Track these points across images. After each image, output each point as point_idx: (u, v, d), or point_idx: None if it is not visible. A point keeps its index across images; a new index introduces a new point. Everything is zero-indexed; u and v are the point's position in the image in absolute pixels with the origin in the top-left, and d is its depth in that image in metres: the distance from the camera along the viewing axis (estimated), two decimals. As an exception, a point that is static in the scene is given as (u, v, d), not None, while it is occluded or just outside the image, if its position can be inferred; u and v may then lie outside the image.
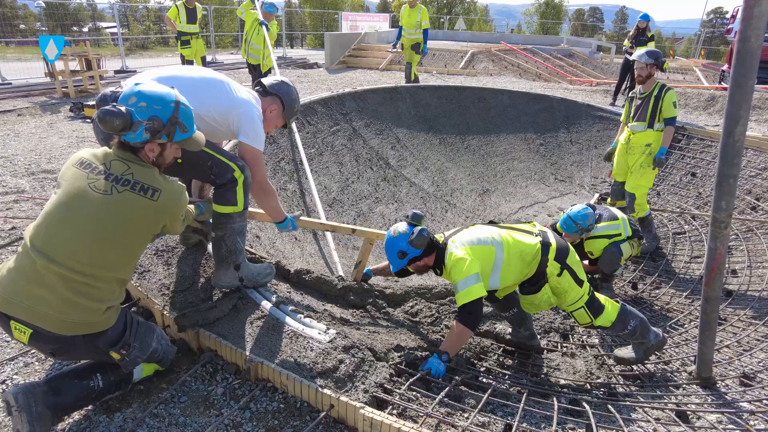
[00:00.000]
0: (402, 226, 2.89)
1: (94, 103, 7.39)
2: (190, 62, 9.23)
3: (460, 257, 2.73)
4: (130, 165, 1.93)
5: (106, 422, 2.07)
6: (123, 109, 1.83)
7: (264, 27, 7.84)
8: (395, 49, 9.67)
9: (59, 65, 9.08)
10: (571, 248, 3.06)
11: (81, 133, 6.50)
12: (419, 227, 2.81)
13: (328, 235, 4.63)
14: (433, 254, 2.91)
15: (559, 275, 2.94)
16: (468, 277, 2.68)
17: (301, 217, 3.28)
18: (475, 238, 2.86)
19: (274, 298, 2.83)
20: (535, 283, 2.99)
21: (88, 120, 7.16)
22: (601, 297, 3.08)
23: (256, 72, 8.49)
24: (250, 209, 2.96)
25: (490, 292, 3.03)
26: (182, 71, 2.57)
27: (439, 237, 3.01)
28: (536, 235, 2.99)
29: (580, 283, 2.97)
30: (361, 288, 3.47)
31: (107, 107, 1.81)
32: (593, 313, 2.98)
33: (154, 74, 2.46)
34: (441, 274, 2.99)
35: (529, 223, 3.18)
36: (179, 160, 2.39)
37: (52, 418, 1.89)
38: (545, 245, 2.94)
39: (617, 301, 3.10)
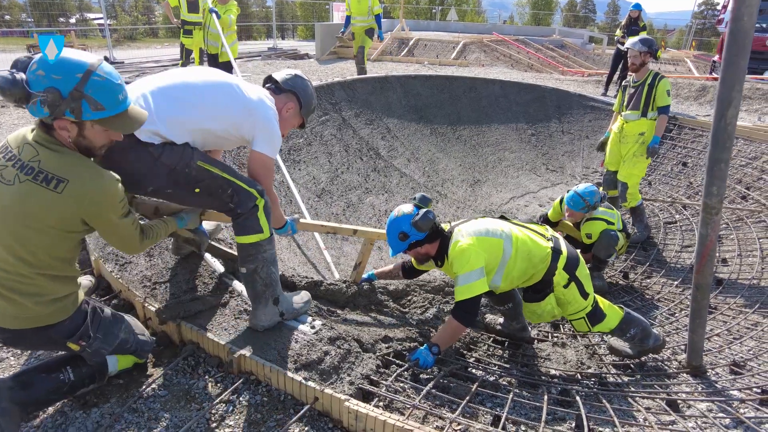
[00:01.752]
0: (407, 207, 2.75)
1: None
2: (190, 52, 8.76)
3: (465, 248, 2.59)
4: (39, 150, 1.67)
5: (82, 418, 2.00)
6: (18, 77, 1.59)
7: (214, 15, 6.85)
8: (344, 36, 8.81)
9: (43, 55, 8.89)
10: (581, 259, 2.94)
11: (65, 123, 6.36)
12: (425, 209, 2.67)
13: (316, 234, 4.54)
14: (437, 243, 2.77)
15: (565, 286, 2.83)
16: (471, 272, 2.55)
17: (300, 220, 3.09)
18: (483, 228, 2.72)
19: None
20: (539, 290, 2.87)
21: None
22: (605, 304, 2.98)
23: (216, 63, 7.41)
24: None
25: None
26: (185, 77, 2.23)
27: (445, 226, 2.88)
28: (548, 240, 2.87)
29: (585, 296, 2.86)
30: (367, 289, 3.31)
31: (5, 74, 1.59)
32: (592, 323, 2.90)
33: (155, 83, 2.16)
34: (441, 266, 2.86)
35: (541, 226, 3.05)
36: (197, 189, 2.18)
37: (20, 414, 1.83)
38: (556, 251, 2.82)
39: (621, 308, 3.01)
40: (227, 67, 6.78)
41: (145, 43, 24.23)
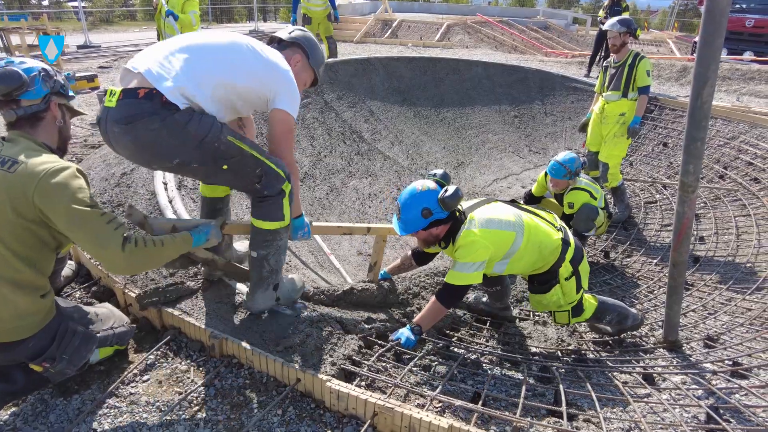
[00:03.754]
0: (431, 183, 2.62)
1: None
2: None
3: (475, 240, 2.52)
4: (4, 144, 1.75)
5: (63, 405, 1.99)
6: (11, 68, 1.75)
7: (172, 18, 6.31)
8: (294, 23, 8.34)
9: (15, 39, 8.64)
10: (584, 253, 2.94)
11: (39, 109, 6.19)
12: (454, 186, 2.53)
13: (318, 238, 4.46)
14: (449, 224, 2.66)
15: (567, 279, 2.81)
16: (472, 264, 2.52)
17: (314, 223, 2.85)
18: (496, 219, 2.63)
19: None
20: (544, 282, 2.84)
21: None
22: (583, 296, 2.99)
23: None
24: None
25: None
26: (204, 38, 2.11)
27: None
28: (558, 229, 2.83)
29: (578, 290, 2.87)
30: (391, 287, 3.22)
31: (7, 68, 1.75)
32: (573, 315, 2.93)
33: (174, 45, 2.04)
34: (445, 248, 2.77)
35: (549, 214, 2.98)
36: (225, 166, 2.05)
37: (-1, 405, 1.81)
38: (565, 243, 2.78)
39: (595, 298, 3.02)
40: None
41: (123, 26, 23.60)
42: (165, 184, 3.48)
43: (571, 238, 2.86)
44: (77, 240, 1.70)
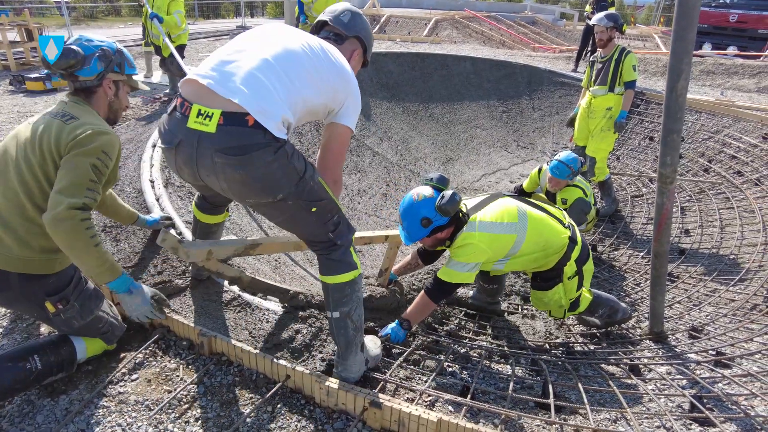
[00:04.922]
0: (426, 190, 2.56)
1: (36, 75, 6.95)
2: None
3: (473, 243, 2.52)
4: (68, 103, 2.00)
5: (50, 405, 1.97)
6: (72, 47, 1.97)
7: (156, 20, 6.21)
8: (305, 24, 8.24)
9: (-4, 35, 8.47)
10: (591, 254, 2.94)
11: (22, 108, 6.12)
12: (450, 191, 2.48)
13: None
14: (452, 227, 2.61)
15: (570, 278, 2.82)
16: (465, 263, 2.53)
17: None
18: (498, 222, 2.60)
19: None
20: (549, 279, 2.84)
21: (31, 94, 6.76)
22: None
23: (159, 53, 6.77)
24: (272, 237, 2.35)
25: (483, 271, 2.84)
26: (279, 44, 1.84)
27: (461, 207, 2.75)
28: (566, 227, 2.81)
29: (579, 288, 2.89)
30: (399, 290, 3.17)
31: (69, 46, 1.98)
32: (569, 310, 2.96)
33: (255, 55, 1.78)
34: (449, 247, 2.74)
35: (558, 210, 2.94)
36: (314, 209, 1.88)
37: (-16, 405, 1.80)
38: (572, 241, 2.77)
39: (590, 292, 3.04)
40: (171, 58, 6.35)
41: (107, 22, 23.26)
42: (152, 182, 3.46)
43: (579, 237, 2.86)
44: (58, 178, 1.83)
